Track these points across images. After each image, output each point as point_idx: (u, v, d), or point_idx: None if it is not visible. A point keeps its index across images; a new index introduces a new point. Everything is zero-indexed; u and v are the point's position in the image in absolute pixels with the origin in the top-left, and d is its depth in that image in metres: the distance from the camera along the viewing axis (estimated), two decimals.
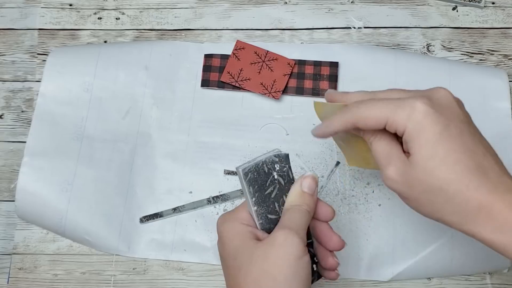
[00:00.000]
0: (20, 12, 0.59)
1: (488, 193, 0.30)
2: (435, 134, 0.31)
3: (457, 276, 0.50)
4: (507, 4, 0.57)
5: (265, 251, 0.33)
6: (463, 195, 0.31)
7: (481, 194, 0.30)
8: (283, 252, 0.33)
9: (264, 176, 0.37)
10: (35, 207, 0.51)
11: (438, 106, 0.32)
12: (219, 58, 0.55)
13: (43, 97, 0.54)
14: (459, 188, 0.31)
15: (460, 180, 0.31)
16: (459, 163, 0.31)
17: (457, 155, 0.31)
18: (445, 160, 0.31)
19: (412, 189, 0.32)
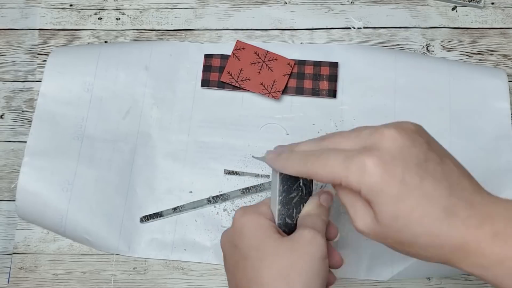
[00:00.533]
0: (21, 12, 0.59)
1: (460, 235, 0.29)
2: (392, 196, 0.29)
3: (456, 276, 0.50)
4: (506, 4, 0.57)
5: (292, 246, 0.34)
6: (436, 243, 0.30)
7: (453, 237, 0.29)
8: (310, 250, 0.34)
9: (294, 180, 0.38)
10: (35, 207, 0.51)
11: (388, 158, 0.30)
12: (219, 58, 0.55)
13: (44, 97, 0.54)
14: (430, 239, 0.30)
15: (430, 232, 0.29)
16: (425, 217, 0.29)
17: (420, 209, 0.29)
18: (409, 218, 0.30)
19: (385, 240, 0.32)
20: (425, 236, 0.30)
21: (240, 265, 0.35)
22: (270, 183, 0.52)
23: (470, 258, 0.29)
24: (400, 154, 0.30)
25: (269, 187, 0.52)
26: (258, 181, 0.52)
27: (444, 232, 0.29)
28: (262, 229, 0.35)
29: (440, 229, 0.29)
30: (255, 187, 0.52)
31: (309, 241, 0.34)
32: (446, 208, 0.29)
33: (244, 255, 0.35)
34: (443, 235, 0.29)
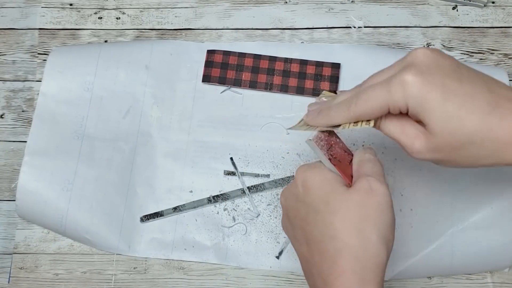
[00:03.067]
0: (21, 12, 0.59)
1: (510, 124, 0.30)
2: (437, 99, 0.31)
3: (457, 275, 0.50)
4: (507, 3, 0.57)
5: (361, 198, 0.34)
6: (490, 137, 0.31)
7: (505, 128, 0.30)
8: (379, 200, 0.34)
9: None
10: (35, 206, 0.51)
11: (425, 69, 0.31)
12: (221, 54, 0.55)
13: (44, 96, 0.54)
14: (484, 134, 0.31)
15: (482, 127, 0.30)
16: (473, 112, 0.31)
17: (467, 106, 0.31)
18: (459, 116, 0.31)
19: (442, 152, 0.32)
20: (479, 132, 0.31)
21: (311, 218, 0.35)
22: (270, 182, 0.52)
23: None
24: (435, 64, 0.32)
25: (270, 186, 0.52)
26: (258, 180, 0.52)
27: (496, 124, 0.30)
28: (329, 182, 0.35)
29: (491, 122, 0.30)
30: (255, 187, 0.52)
31: (376, 191, 0.34)
32: (490, 102, 0.31)
33: (314, 209, 0.35)
34: (495, 127, 0.30)
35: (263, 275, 0.51)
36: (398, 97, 0.31)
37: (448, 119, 0.31)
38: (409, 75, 0.31)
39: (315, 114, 0.37)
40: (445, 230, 0.49)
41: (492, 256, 0.49)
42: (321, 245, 0.34)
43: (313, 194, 0.36)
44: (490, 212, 0.49)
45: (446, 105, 0.31)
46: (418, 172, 0.51)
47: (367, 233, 0.33)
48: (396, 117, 0.34)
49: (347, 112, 0.34)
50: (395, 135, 0.34)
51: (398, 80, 0.31)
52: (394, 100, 0.32)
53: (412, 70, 0.31)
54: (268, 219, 0.51)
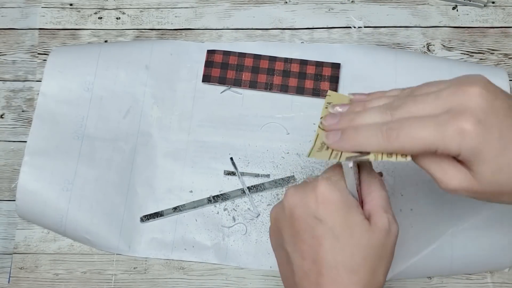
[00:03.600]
0: (21, 12, 0.59)
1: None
2: (494, 151, 0.30)
3: (457, 275, 0.50)
4: (507, 3, 0.57)
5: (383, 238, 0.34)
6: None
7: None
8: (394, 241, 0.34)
9: None
10: (35, 206, 0.51)
11: (482, 116, 0.30)
12: (221, 54, 0.55)
13: (44, 96, 0.54)
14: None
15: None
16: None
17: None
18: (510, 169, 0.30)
19: (482, 195, 0.32)
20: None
21: (328, 242, 0.33)
22: (270, 182, 0.52)
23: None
24: (491, 109, 0.30)
25: (270, 186, 0.52)
26: (258, 180, 0.52)
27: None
28: (351, 208, 0.34)
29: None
30: (255, 187, 0.52)
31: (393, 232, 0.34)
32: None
33: (334, 234, 0.33)
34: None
35: (263, 275, 0.51)
36: (452, 145, 0.30)
37: (501, 172, 0.30)
38: (468, 123, 0.29)
39: (337, 135, 0.33)
40: (445, 230, 0.49)
41: (492, 256, 0.49)
42: (333, 272, 0.33)
43: (332, 215, 0.33)
44: (490, 212, 0.49)
45: (502, 158, 0.30)
46: (418, 172, 0.51)
47: (379, 273, 0.34)
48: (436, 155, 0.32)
49: (384, 143, 0.32)
50: (430, 170, 0.32)
51: (455, 127, 0.30)
52: (447, 146, 0.30)
53: (471, 117, 0.29)
54: (268, 219, 0.51)
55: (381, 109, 0.33)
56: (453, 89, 0.31)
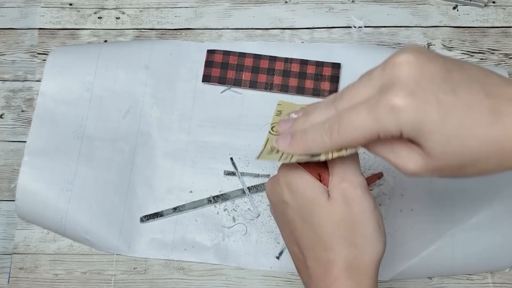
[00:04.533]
0: (20, 11, 0.59)
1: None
2: (435, 121, 0.27)
3: (458, 275, 0.50)
4: (507, 3, 0.57)
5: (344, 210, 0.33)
6: (496, 150, 0.27)
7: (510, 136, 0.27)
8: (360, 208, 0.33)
9: None
10: (35, 206, 0.51)
11: (414, 86, 0.27)
12: (221, 54, 0.55)
13: (43, 96, 0.54)
14: (489, 149, 0.27)
15: (486, 142, 0.27)
16: (475, 128, 0.27)
17: (467, 122, 0.27)
18: (461, 137, 0.27)
19: (442, 172, 0.29)
20: (484, 147, 0.27)
21: (298, 225, 0.34)
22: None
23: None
24: (422, 75, 0.27)
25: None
26: (258, 181, 0.52)
27: (501, 135, 0.27)
28: (311, 190, 0.33)
29: (495, 134, 0.27)
30: (255, 187, 0.52)
31: (353, 200, 0.33)
32: (490, 109, 0.27)
33: (301, 216, 0.34)
34: (500, 138, 0.27)
35: (263, 275, 0.50)
36: (389, 126, 0.27)
37: (449, 141, 0.27)
38: (398, 98, 0.27)
39: (287, 140, 0.32)
40: (446, 231, 0.49)
41: (493, 256, 0.49)
42: (312, 252, 0.34)
43: (297, 200, 0.34)
44: (490, 212, 0.49)
45: (445, 125, 0.27)
46: None
47: (358, 243, 0.33)
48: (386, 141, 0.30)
49: (329, 142, 0.30)
50: (386, 157, 0.30)
51: (387, 106, 0.27)
52: (385, 129, 0.28)
53: (400, 91, 0.27)
54: (268, 220, 0.51)
55: (327, 104, 0.32)
56: (382, 66, 0.29)
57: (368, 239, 0.33)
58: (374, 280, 0.33)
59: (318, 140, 0.31)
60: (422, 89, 0.27)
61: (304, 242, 0.35)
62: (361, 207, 0.33)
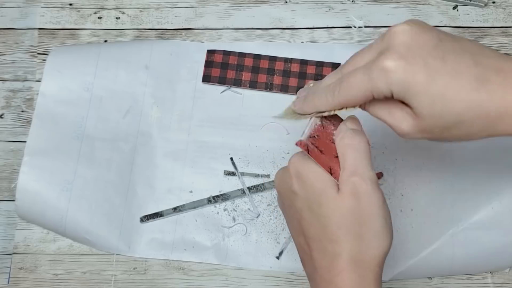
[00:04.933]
0: (20, 11, 0.59)
1: (501, 97, 0.29)
2: (421, 82, 0.29)
3: (458, 275, 0.50)
4: (507, 3, 0.57)
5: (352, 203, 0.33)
6: (480, 114, 0.30)
7: (495, 103, 0.29)
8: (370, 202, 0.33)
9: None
10: (35, 206, 0.51)
11: (405, 51, 0.30)
12: (221, 54, 0.55)
13: (43, 96, 0.54)
14: (474, 112, 0.30)
15: (470, 105, 0.29)
16: (460, 91, 0.29)
17: (453, 85, 0.29)
18: (445, 97, 0.29)
19: (431, 133, 0.31)
20: (468, 110, 0.29)
21: (306, 215, 0.35)
22: (270, 183, 0.52)
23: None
24: (414, 42, 0.30)
25: (270, 186, 0.52)
26: (258, 181, 0.52)
27: (485, 100, 0.29)
28: (321, 181, 0.34)
29: (480, 98, 0.29)
30: (255, 187, 0.52)
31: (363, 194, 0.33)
32: (477, 77, 0.29)
33: (309, 207, 0.35)
34: (485, 103, 0.29)
35: (263, 275, 0.50)
36: (380, 85, 0.30)
37: (434, 102, 0.30)
38: (389, 60, 0.30)
39: (301, 101, 0.36)
40: (446, 231, 0.49)
41: (493, 257, 0.49)
42: (319, 244, 0.34)
43: (306, 190, 0.35)
44: (490, 212, 0.49)
45: (431, 87, 0.29)
46: (418, 172, 0.51)
47: (365, 237, 0.33)
48: (381, 102, 0.33)
49: (332, 100, 0.34)
50: (382, 117, 0.33)
51: (379, 67, 0.30)
52: (377, 88, 0.31)
53: (392, 54, 0.30)
54: (268, 220, 0.51)
55: (336, 71, 0.35)
56: (382, 35, 0.32)
57: (375, 234, 0.33)
58: (378, 275, 0.33)
59: (323, 99, 0.34)
60: (412, 53, 0.30)
61: (311, 233, 0.35)
62: (370, 201, 0.33)
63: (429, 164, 0.51)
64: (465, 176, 0.50)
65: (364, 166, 0.34)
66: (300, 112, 0.37)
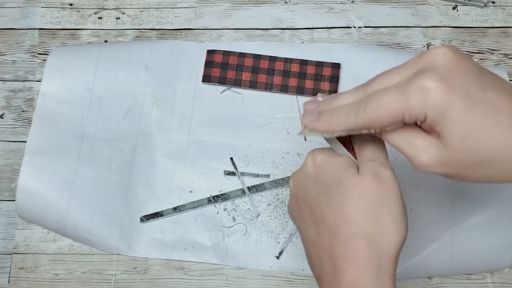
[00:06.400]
0: (21, 12, 0.59)
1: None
2: (460, 110, 0.28)
3: (457, 275, 0.50)
4: (507, 3, 0.57)
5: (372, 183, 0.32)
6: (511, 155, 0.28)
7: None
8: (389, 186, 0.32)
9: None
10: (35, 206, 0.51)
11: (447, 74, 0.28)
12: (221, 54, 0.55)
13: (44, 96, 0.54)
14: (505, 151, 0.28)
15: (504, 143, 0.28)
16: (497, 127, 0.28)
17: (490, 120, 0.28)
18: (481, 132, 0.28)
19: (454, 168, 0.30)
20: (500, 149, 0.28)
21: (322, 200, 0.33)
22: (270, 182, 0.52)
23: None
24: (457, 68, 0.29)
25: (270, 186, 0.52)
26: (258, 181, 0.52)
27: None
28: (342, 164, 0.33)
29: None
30: (255, 187, 0.52)
31: (382, 177, 0.32)
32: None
33: (327, 190, 0.33)
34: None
35: (263, 275, 0.50)
36: (416, 105, 0.28)
37: (469, 134, 0.28)
38: (429, 80, 0.28)
39: (313, 117, 0.34)
40: (445, 230, 0.49)
41: (492, 256, 0.49)
42: (333, 228, 0.32)
43: (326, 174, 0.33)
44: (490, 212, 0.49)
45: (469, 117, 0.28)
46: (418, 172, 0.51)
47: (382, 220, 0.31)
48: (404, 126, 0.30)
49: (353, 119, 0.31)
50: (401, 146, 0.31)
51: (417, 86, 0.28)
52: (412, 108, 0.28)
53: (433, 75, 0.28)
54: (268, 219, 0.51)
55: (356, 89, 0.33)
56: (419, 56, 0.30)
57: (392, 218, 0.32)
58: (394, 270, 0.32)
59: (342, 117, 0.32)
60: (454, 78, 0.28)
61: (325, 217, 0.33)
62: (390, 185, 0.32)
63: None
64: None
65: (383, 157, 0.34)
66: (311, 129, 0.34)
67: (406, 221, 0.32)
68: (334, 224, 0.32)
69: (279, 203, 0.52)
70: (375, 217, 0.31)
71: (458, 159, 0.29)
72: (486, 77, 0.29)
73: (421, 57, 0.30)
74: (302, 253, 0.50)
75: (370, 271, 0.31)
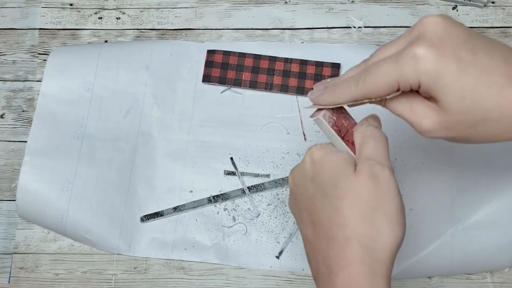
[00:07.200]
0: (21, 12, 0.59)
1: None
2: (452, 74, 0.29)
3: (457, 275, 0.50)
4: (507, 3, 0.57)
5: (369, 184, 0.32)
6: (508, 113, 0.29)
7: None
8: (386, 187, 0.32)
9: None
10: (36, 206, 0.51)
11: (437, 41, 0.29)
12: (221, 54, 0.55)
13: (44, 96, 0.54)
14: (502, 110, 0.29)
15: (499, 102, 0.29)
16: (490, 87, 0.29)
17: (484, 80, 0.29)
18: (475, 93, 0.29)
19: (455, 130, 0.31)
20: (497, 107, 0.29)
21: (318, 201, 0.33)
22: (270, 182, 0.52)
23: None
24: (447, 34, 0.30)
25: (270, 186, 0.52)
26: (258, 180, 0.52)
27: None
28: (339, 162, 0.33)
29: (509, 96, 0.29)
30: (255, 187, 0.52)
31: (379, 177, 0.32)
32: (508, 74, 0.29)
33: (323, 191, 0.33)
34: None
35: (263, 275, 0.51)
36: (409, 73, 0.29)
37: (464, 96, 0.29)
38: (420, 48, 0.29)
39: (320, 92, 0.35)
40: (445, 230, 0.49)
41: (492, 256, 0.49)
42: (328, 231, 0.32)
43: (323, 173, 0.34)
44: (490, 212, 0.49)
45: (462, 80, 0.29)
46: (418, 172, 0.51)
47: (377, 223, 0.31)
48: (404, 94, 0.31)
49: (354, 89, 0.32)
50: (403, 114, 0.32)
51: (409, 54, 0.29)
52: (405, 76, 0.30)
53: (424, 42, 0.29)
54: (268, 219, 0.51)
55: (359, 64, 0.34)
56: (412, 26, 0.32)
57: (387, 221, 0.31)
58: (389, 272, 0.32)
59: (345, 89, 0.33)
60: (444, 44, 0.29)
61: (321, 219, 0.33)
62: (387, 186, 0.32)
63: (429, 164, 0.51)
64: (464, 176, 0.50)
65: (383, 155, 0.33)
66: (316, 103, 0.35)
67: (403, 222, 0.32)
68: (329, 226, 0.32)
69: (279, 203, 0.52)
70: (370, 220, 0.31)
71: (458, 121, 0.30)
72: (477, 40, 0.30)
73: (414, 27, 0.31)
74: (302, 253, 0.50)
75: (364, 274, 0.31)
